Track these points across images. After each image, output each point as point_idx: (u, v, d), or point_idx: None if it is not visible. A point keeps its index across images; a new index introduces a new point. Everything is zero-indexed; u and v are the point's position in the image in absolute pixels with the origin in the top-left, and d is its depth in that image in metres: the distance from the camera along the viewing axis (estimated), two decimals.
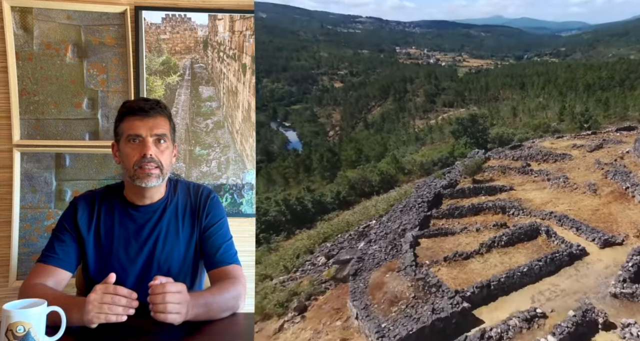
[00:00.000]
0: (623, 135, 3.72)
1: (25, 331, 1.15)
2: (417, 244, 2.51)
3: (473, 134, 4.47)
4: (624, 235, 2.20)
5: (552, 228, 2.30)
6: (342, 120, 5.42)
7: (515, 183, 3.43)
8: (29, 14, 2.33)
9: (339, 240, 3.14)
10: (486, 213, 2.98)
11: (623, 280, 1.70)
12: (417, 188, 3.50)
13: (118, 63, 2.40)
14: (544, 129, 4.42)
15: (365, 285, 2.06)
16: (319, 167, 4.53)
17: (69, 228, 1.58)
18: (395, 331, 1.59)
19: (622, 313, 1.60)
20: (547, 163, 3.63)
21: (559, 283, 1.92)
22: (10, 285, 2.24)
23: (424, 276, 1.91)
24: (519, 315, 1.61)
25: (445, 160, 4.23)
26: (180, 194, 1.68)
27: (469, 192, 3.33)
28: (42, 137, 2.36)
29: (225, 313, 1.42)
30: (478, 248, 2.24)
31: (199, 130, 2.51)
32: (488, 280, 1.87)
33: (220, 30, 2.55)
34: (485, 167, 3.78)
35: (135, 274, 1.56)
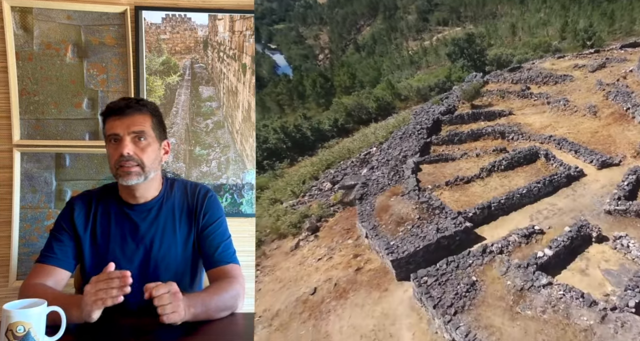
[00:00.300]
0: (627, 52, 3.62)
1: (25, 331, 1.13)
2: (419, 170, 2.56)
3: (470, 56, 4.30)
4: (622, 156, 2.26)
5: (551, 151, 2.35)
6: (331, 42, 5.18)
7: (515, 108, 3.41)
8: (29, 14, 2.27)
9: (342, 166, 3.17)
10: (486, 139, 3.00)
11: (618, 198, 1.78)
12: (415, 115, 3.47)
13: (118, 63, 2.33)
14: (544, 49, 4.25)
15: (371, 208, 2.14)
16: (312, 94, 4.43)
17: (67, 227, 1.56)
18: (404, 248, 1.69)
19: (615, 228, 1.71)
20: (547, 86, 3.57)
21: (557, 203, 2.01)
22: (10, 285, 2.20)
23: (427, 199, 1.98)
24: (518, 231, 1.70)
25: (442, 84, 4.12)
26: (177, 193, 1.63)
27: (467, 117, 3.32)
28: (42, 137, 2.30)
29: (224, 312, 1.39)
30: (478, 172, 2.30)
31: (199, 130, 2.42)
32: (489, 202, 1.94)
33: (220, 30, 2.45)
34: (483, 91, 3.72)
35: (133, 273, 1.46)
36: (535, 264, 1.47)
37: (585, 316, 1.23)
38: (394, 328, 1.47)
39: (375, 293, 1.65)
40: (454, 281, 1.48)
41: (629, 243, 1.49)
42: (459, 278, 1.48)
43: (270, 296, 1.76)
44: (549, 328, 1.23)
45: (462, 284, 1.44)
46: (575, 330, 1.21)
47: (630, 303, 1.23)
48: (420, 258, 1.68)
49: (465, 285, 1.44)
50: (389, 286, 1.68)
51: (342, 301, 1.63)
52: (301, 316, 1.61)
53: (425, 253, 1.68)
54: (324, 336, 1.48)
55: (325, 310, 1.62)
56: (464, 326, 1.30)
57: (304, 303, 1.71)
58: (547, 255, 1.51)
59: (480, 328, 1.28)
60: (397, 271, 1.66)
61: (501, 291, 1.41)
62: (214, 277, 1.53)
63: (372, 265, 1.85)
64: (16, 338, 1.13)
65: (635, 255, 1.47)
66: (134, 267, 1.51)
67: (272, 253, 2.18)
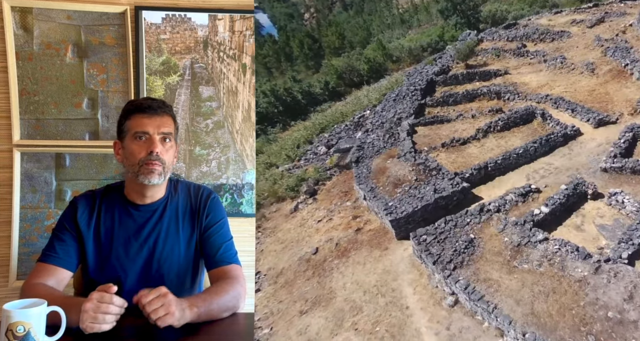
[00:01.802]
0: (627, 6, 3.55)
1: (25, 331, 1.13)
2: (414, 132, 2.57)
3: (463, 12, 4.20)
4: (619, 113, 2.29)
5: (548, 111, 2.37)
6: (316, 0, 5.01)
7: (511, 67, 3.38)
8: (29, 14, 2.28)
9: (336, 130, 3.17)
10: (481, 100, 3.00)
11: (614, 155, 1.83)
12: (409, 76, 3.43)
13: (118, 63, 2.34)
14: (541, 4, 4.16)
15: (368, 170, 2.17)
16: (301, 55, 4.33)
17: (69, 227, 1.55)
18: (402, 208, 1.73)
19: (610, 185, 1.76)
20: (544, 43, 3.52)
21: (553, 162, 2.05)
22: (10, 285, 2.22)
23: (423, 161, 2.01)
24: (515, 190, 1.75)
25: (435, 44, 4.03)
26: (180, 194, 1.64)
27: (462, 78, 3.29)
28: (42, 137, 2.31)
29: (225, 313, 1.41)
30: (475, 133, 2.32)
31: (199, 130, 2.38)
32: (485, 162, 1.98)
33: (220, 30, 2.43)
34: (478, 50, 3.66)
35: (136, 273, 1.53)
36: (532, 221, 1.52)
37: (579, 268, 1.29)
38: (396, 283, 1.54)
39: (376, 252, 1.71)
40: (452, 239, 1.53)
41: (624, 199, 1.54)
42: (457, 236, 1.54)
43: (273, 256, 1.82)
44: (544, 280, 1.30)
45: (461, 241, 1.50)
46: (570, 281, 1.27)
47: (623, 255, 1.30)
48: (419, 218, 1.73)
49: (463, 242, 1.49)
50: (389, 245, 1.74)
51: (344, 259, 1.69)
52: (305, 274, 1.67)
53: (423, 213, 1.73)
54: (328, 292, 1.54)
55: (329, 268, 1.68)
56: (463, 280, 1.36)
57: (307, 262, 1.77)
58: (544, 212, 1.56)
59: (479, 281, 1.35)
60: (397, 231, 1.71)
61: (499, 248, 1.47)
62: (216, 277, 1.55)
63: (372, 226, 1.90)
64: (16, 338, 1.13)
65: (629, 210, 1.53)
66: (137, 267, 1.53)
67: (271, 216, 2.23)
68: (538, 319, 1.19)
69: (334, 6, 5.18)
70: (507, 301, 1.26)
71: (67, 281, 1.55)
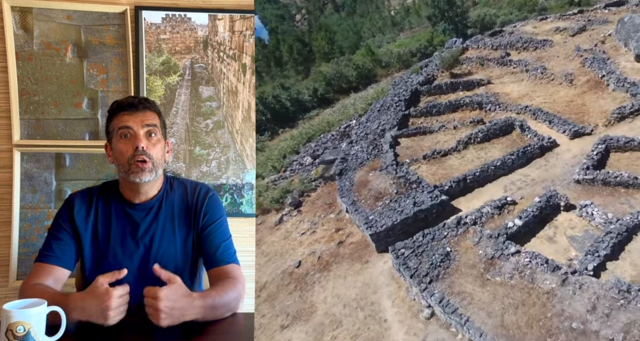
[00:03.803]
0: (611, 12, 3.67)
1: (25, 331, 1.15)
2: (397, 143, 2.65)
3: (451, 19, 4.29)
4: (594, 125, 2.39)
5: (527, 122, 2.46)
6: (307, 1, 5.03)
7: (494, 76, 3.48)
8: (29, 14, 2.32)
9: (323, 140, 3.24)
10: (464, 110, 3.09)
11: (586, 167, 1.92)
12: (394, 85, 3.52)
13: (118, 63, 2.40)
14: (529, 8, 4.25)
15: (351, 183, 2.24)
16: (290, 60, 4.37)
17: (66, 225, 1.58)
18: (382, 222, 1.80)
19: (583, 196, 1.85)
20: (527, 52, 3.62)
21: (530, 174, 2.14)
22: (10, 285, 2.26)
23: (404, 174, 2.09)
24: (491, 203, 1.83)
25: (424, 49, 4.10)
26: (176, 192, 1.67)
27: (446, 87, 3.37)
28: (42, 137, 2.36)
29: (226, 313, 1.44)
30: (455, 145, 2.41)
31: (199, 130, 2.45)
32: (464, 175, 2.06)
33: (220, 30, 2.50)
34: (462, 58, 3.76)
35: (133, 272, 1.54)
36: (506, 234, 1.60)
37: (548, 280, 1.37)
38: (375, 296, 1.61)
39: (357, 265, 1.77)
40: (429, 252, 1.60)
41: (593, 211, 1.63)
42: (434, 249, 1.61)
43: (256, 270, 1.88)
44: (515, 292, 1.37)
45: (437, 254, 1.57)
46: (539, 293, 1.35)
47: (589, 266, 1.38)
48: (399, 231, 1.80)
49: (439, 255, 1.57)
50: (369, 258, 1.80)
51: (325, 273, 1.75)
52: (287, 288, 1.73)
53: (403, 226, 1.80)
54: (309, 305, 1.60)
55: (310, 281, 1.74)
56: (438, 293, 1.44)
57: (290, 276, 1.83)
58: (517, 225, 1.64)
59: (453, 294, 1.42)
60: (377, 244, 1.78)
61: (473, 260, 1.54)
62: (215, 277, 1.58)
63: (354, 239, 1.97)
64: (16, 338, 1.15)
65: (598, 222, 1.61)
66: (133, 266, 1.56)
67: (257, 229, 2.29)
68: (507, 331, 1.26)
69: (325, 7, 5.21)
70: (479, 313, 1.34)
71: (65, 280, 1.58)
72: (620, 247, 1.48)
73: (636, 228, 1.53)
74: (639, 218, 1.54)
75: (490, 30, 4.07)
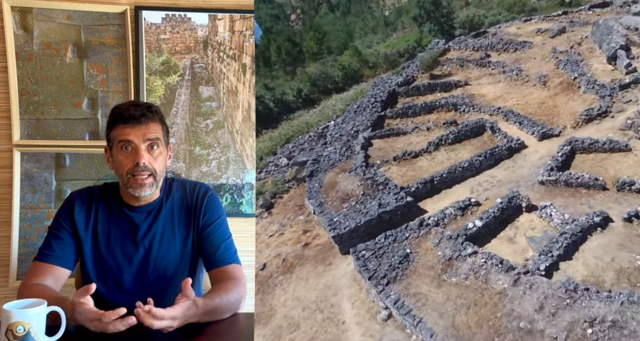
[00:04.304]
0: (595, 13, 3.71)
1: (25, 331, 1.16)
2: (370, 145, 2.68)
3: (437, 19, 4.31)
4: (562, 126, 2.42)
5: (497, 123, 2.49)
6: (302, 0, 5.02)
7: (472, 77, 3.51)
8: (29, 14, 2.33)
9: (300, 141, 3.25)
10: (439, 111, 3.11)
11: (550, 168, 1.95)
12: (374, 86, 3.54)
13: (118, 63, 2.42)
14: (519, 9, 4.28)
15: (320, 184, 2.26)
16: (278, 61, 4.37)
17: (66, 225, 1.58)
18: (346, 223, 1.82)
19: (546, 197, 1.87)
20: (507, 53, 3.66)
21: (497, 175, 2.17)
22: (10, 285, 2.28)
23: (372, 175, 2.10)
24: (454, 204, 1.85)
25: (412, 50, 4.11)
26: (175, 193, 1.67)
27: (424, 88, 3.40)
28: (42, 137, 2.37)
29: (228, 314, 1.46)
30: (426, 146, 2.43)
31: (199, 130, 2.48)
32: (431, 176, 2.08)
33: (220, 30, 2.52)
34: (444, 59, 3.80)
35: (132, 274, 1.56)
36: (465, 235, 1.62)
37: (501, 280, 1.39)
38: (336, 299, 1.62)
39: (320, 267, 1.78)
40: (390, 253, 1.62)
41: (552, 212, 1.65)
42: (395, 251, 1.63)
43: None
44: (468, 293, 1.39)
45: (396, 256, 1.58)
46: (492, 293, 1.37)
47: (541, 267, 1.40)
48: (363, 233, 1.82)
49: (399, 257, 1.58)
50: (333, 260, 1.82)
51: (288, 275, 1.76)
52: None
53: (367, 228, 1.82)
54: (268, 309, 1.61)
55: (272, 284, 1.75)
56: (394, 295, 1.45)
57: (255, 279, 1.84)
58: (477, 225, 1.67)
59: (409, 295, 1.44)
60: (340, 246, 1.79)
61: (432, 262, 1.56)
62: (216, 278, 1.58)
63: (320, 240, 1.98)
64: (16, 338, 1.16)
65: (556, 222, 1.64)
66: (133, 268, 1.57)
67: None
68: (457, 331, 1.28)
69: (320, 7, 5.22)
70: (432, 314, 1.35)
71: (65, 280, 1.58)
72: (575, 247, 1.51)
73: (591, 229, 1.55)
74: (594, 219, 1.56)
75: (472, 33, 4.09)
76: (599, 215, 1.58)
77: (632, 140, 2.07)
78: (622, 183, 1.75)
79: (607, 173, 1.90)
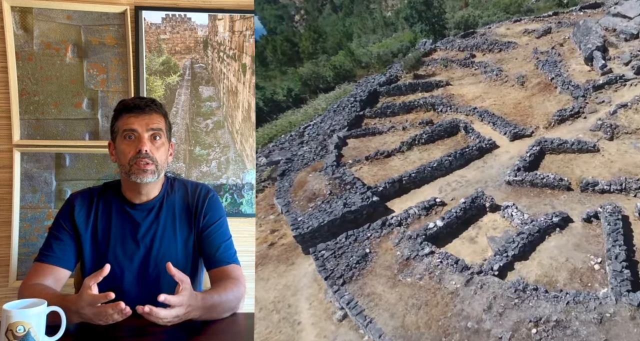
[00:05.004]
0: (586, 14, 3.73)
1: (25, 331, 1.17)
2: (345, 144, 2.68)
3: (428, 20, 4.32)
4: (535, 127, 2.43)
5: (471, 124, 2.50)
6: (306, 1, 5.01)
7: (455, 77, 3.52)
8: (29, 14, 2.35)
9: (281, 140, 3.25)
10: (418, 111, 3.12)
11: (517, 169, 1.95)
12: (358, 86, 3.55)
13: (118, 63, 2.43)
14: (514, 10, 4.29)
15: (290, 184, 2.26)
16: (274, 60, 4.37)
17: (66, 226, 1.60)
18: (309, 223, 1.82)
19: (512, 197, 1.88)
20: (492, 54, 3.67)
21: (466, 175, 2.17)
22: (10, 285, 2.29)
23: (341, 174, 2.11)
24: (419, 204, 1.85)
25: (406, 50, 4.13)
26: (177, 193, 1.69)
27: (405, 88, 3.41)
28: (42, 137, 2.38)
29: (227, 313, 1.47)
30: (399, 146, 2.44)
31: (199, 130, 2.49)
32: (400, 176, 2.09)
33: (220, 30, 2.53)
34: (429, 59, 3.81)
35: (133, 272, 1.57)
36: (425, 235, 1.62)
37: (454, 280, 1.40)
38: (294, 299, 1.62)
39: (282, 267, 1.78)
40: (349, 253, 1.62)
41: (513, 212, 1.66)
42: (354, 251, 1.63)
43: None
44: (421, 293, 1.39)
45: (355, 256, 1.59)
46: (444, 293, 1.37)
47: (494, 267, 1.41)
48: (327, 233, 1.82)
49: (357, 257, 1.58)
50: (296, 260, 1.82)
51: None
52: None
53: (330, 228, 1.82)
54: None
55: None
56: (348, 295, 1.45)
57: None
58: (438, 225, 1.67)
59: (363, 295, 1.44)
60: (303, 246, 1.80)
61: (390, 262, 1.56)
62: (216, 277, 1.60)
63: (286, 240, 1.98)
64: (16, 338, 1.17)
65: (516, 222, 1.64)
66: (134, 267, 1.58)
67: None
68: (406, 331, 1.28)
69: (324, 8, 5.22)
70: (383, 314, 1.36)
71: (65, 281, 1.60)
72: (532, 247, 1.51)
73: (550, 229, 1.56)
74: (553, 220, 1.57)
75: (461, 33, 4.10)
76: (558, 216, 1.58)
77: (601, 141, 2.08)
78: (585, 184, 1.76)
79: (573, 174, 1.91)
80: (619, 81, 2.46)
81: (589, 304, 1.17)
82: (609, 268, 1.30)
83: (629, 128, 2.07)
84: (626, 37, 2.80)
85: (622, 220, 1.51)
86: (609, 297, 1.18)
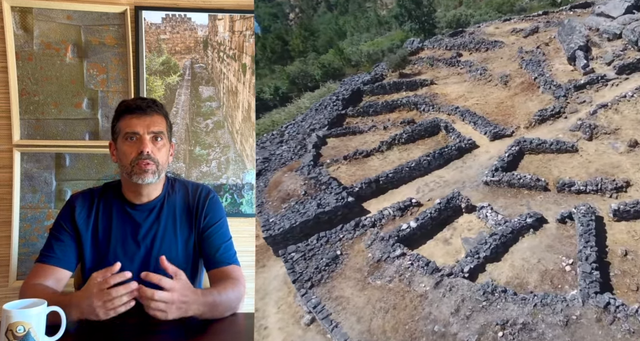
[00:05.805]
0: (576, 13, 3.75)
1: (25, 331, 1.18)
2: (325, 144, 2.66)
3: (418, 18, 4.33)
4: (516, 127, 2.43)
5: (452, 123, 2.49)
6: None
7: (440, 76, 3.51)
8: (29, 14, 2.37)
9: (262, 139, 3.23)
10: (401, 110, 3.11)
11: (495, 169, 1.94)
12: (342, 84, 3.54)
13: (118, 63, 2.44)
14: (507, 9, 4.30)
15: (265, 184, 2.23)
16: (263, 59, 4.36)
17: (67, 226, 1.61)
18: (280, 224, 1.79)
19: (489, 198, 1.87)
20: (478, 53, 3.67)
21: (445, 175, 2.16)
22: (10, 285, 2.29)
23: (316, 174, 2.08)
24: (394, 205, 1.83)
25: (396, 49, 4.13)
26: (178, 193, 1.71)
27: (389, 87, 3.40)
28: (42, 137, 2.39)
29: (227, 312, 1.47)
30: (379, 146, 2.42)
31: (199, 130, 2.50)
32: (377, 176, 2.07)
33: (220, 30, 2.55)
34: (415, 58, 3.81)
35: (134, 273, 1.48)
36: (397, 236, 1.61)
37: (424, 282, 1.38)
38: (262, 302, 1.59)
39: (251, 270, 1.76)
40: (319, 255, 1.60)
41: (487, 213, 1.65)
42: (324, 253, 1.60)
43: None
44: (390, 296, 1.37)
45: (325, 258, 1.56)
46: (413, 296, 1.35)
47: (465, 268, 1.39)
48: (299, 234, 1.79)
49: (327, 259, 1.56)
50: (267, 263, 1.79)
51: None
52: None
53: (303, 229, 1.79)
54: None
55: None
56: (316, 298, 1.43)
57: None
58: (411, 227, 1.65)
59: (331, 299, 1.42)
60: (274, 248, 1.77)
61: (360, 264, 1.54)
62: (216, 278, 1.61)
63: (259, 242, 1.96)
64: (16, 338, 1.17)
65: (491, 223, 1.63)
66: (134, 267, 1.58)
67: None
68: (372, 336, 1.26)
69: (319, 6, 5.22)
70: (350, 318, 1.33)
71: (66, 282, 1.61)
72: (505, 248, 1.50)
73: (523, 230, 1.55)
74: (526, 221, 1.56)
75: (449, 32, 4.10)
76: (532, 217, 1.57)
77: (580, 141, 2.08)
78: (562, 184, 1.75)
79: (550, 174, 1.90)
80: (600, 81, 2.46)
81: (555, 306, 1.15)
82: (579, 269, 1.29)
83: (608, 129, 2.07)
84: (609, 37, 2.81)
85: (596, 221, 1.50)
86: (576, 299, 1.17)
